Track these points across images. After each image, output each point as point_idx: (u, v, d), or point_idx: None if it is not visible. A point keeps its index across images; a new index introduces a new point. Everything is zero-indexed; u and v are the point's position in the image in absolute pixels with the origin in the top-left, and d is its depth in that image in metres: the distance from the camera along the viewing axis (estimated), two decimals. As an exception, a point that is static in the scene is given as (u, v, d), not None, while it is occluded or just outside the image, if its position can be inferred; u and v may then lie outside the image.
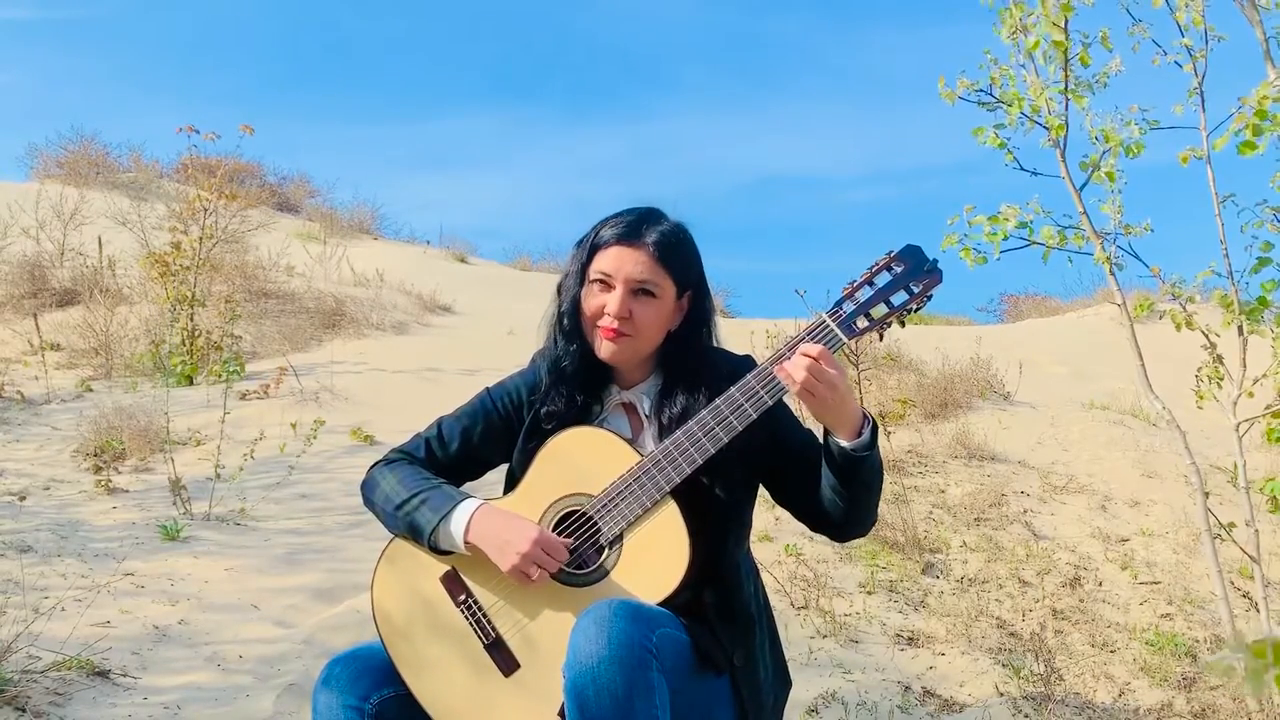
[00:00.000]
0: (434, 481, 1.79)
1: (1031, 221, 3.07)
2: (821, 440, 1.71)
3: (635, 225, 1.78)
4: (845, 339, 1.64)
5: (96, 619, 2.92)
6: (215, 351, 6.08)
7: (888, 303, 1.66)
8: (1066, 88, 3.06)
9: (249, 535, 3.76)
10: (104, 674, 2.61)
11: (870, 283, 1.67)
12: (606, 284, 1.77)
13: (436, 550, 1.74)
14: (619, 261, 1.76)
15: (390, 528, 1.81)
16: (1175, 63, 2.97)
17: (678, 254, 1.80)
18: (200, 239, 6.58)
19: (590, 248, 1.80)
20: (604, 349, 1.78)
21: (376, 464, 1.88)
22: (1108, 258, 3.06)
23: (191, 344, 6.11)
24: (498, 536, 1.68)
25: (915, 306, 1.66)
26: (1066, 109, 3.09)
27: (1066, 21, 2.99)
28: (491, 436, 1.88)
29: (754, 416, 1.66)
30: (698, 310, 1.84)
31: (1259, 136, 2.68)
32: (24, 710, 2.38)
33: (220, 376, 5.75)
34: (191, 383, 5.89)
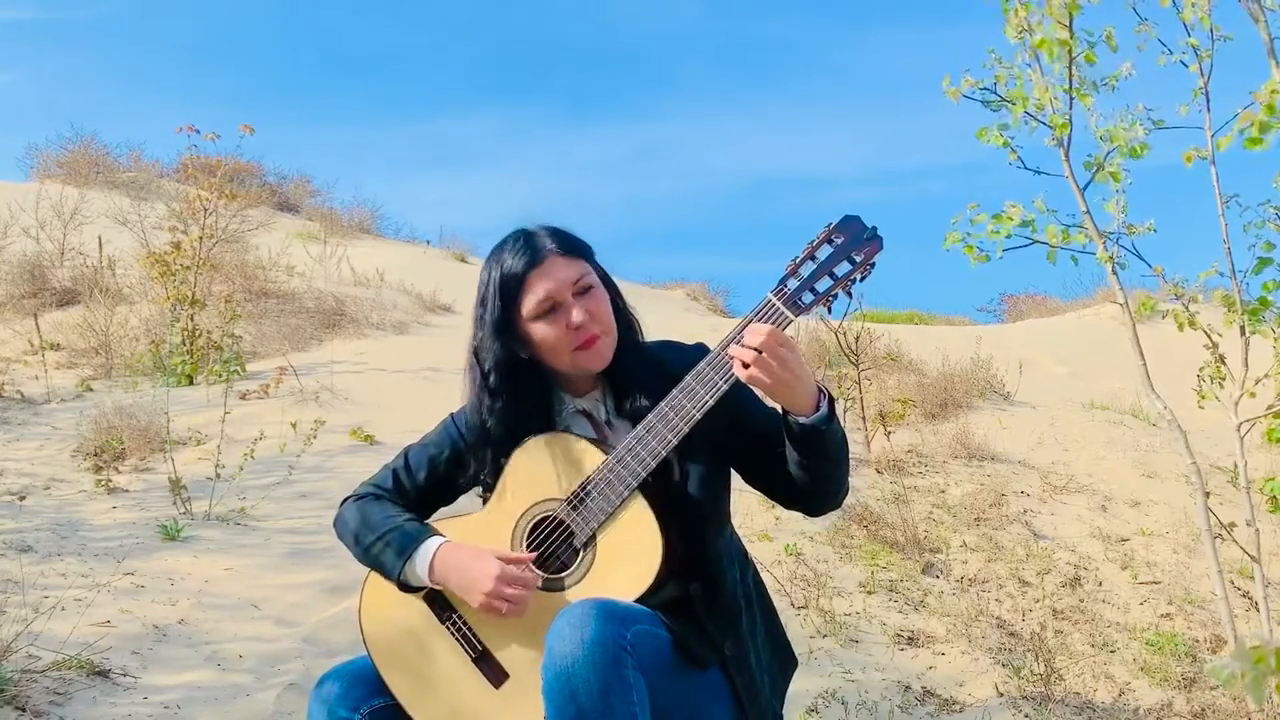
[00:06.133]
0: (397, 521, 1.79)
1: (1035, 220, 3.06)
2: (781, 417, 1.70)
3: (529, 246, 1.76)
4: (793, 316, 1.63)
5: (96, 619, 2.91)
6: (215, 351, 6.07)
7: (831, 274, 1.65)
8: (1071, 86, 3.06)
9: (249, 535, 3.75)
10: (104, 674, 2.60)
11: (812, 257, 1.66)
12: (554, 306, 1.74)
13: (407, 588, 1.75)
14: (549, 278, 1.74)
15: (363, 564, 1.84)
16: (1181, 62, 2.97)
17: (574, 240, 1.80)
18: (200, 239, 6.57)
19: (502, 297, 1.75)
20: (591, 358, 1.76)
21: (346, 499, 1.89)
22: (1110, 257, 3.05)
23: (191, 344, 6.10)
24: (461, 577, 1.69)
25: (859, 276, 1.66)
26: (1071, 108, 3.09)
27: (1072, 20, 2.98)
28: (458, 462, 1.87)
29: (711, 403, 1.66)
30: (609, 284, 1.83)
31: (1265, 133, 2.67)
32: (24, 710, 2.37)
33: (220, 376, 5.75)
34: (191, 382, 5.89)
